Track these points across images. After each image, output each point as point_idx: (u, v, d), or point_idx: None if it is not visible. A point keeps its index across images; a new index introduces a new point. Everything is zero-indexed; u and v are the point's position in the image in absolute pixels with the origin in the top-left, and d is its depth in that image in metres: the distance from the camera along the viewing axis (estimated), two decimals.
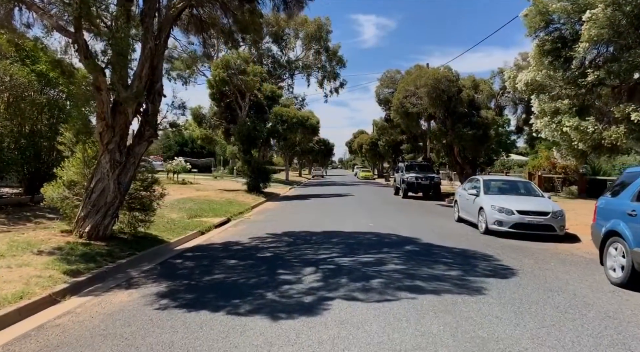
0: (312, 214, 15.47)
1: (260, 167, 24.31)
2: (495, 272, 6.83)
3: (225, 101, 26.17)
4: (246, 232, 11.39)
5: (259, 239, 10.12)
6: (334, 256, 7.94)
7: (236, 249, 8.93)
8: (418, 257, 7.76)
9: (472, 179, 13.55)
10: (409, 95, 20.94)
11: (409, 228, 11.84)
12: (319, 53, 43.10)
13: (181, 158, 28.42)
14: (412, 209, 17.78)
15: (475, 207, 11.81)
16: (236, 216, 15.12)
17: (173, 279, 6.43)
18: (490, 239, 10.29)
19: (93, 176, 8.61)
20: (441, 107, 19.89)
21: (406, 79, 22.43)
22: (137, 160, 9.10)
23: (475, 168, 24.00)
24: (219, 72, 23.47)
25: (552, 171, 27.07)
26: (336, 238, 10.01)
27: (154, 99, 9.32)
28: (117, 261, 7.31)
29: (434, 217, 15.13)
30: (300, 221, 13.57)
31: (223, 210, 15.51)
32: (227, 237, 10.65)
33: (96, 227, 8.40)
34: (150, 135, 9.26)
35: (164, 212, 13.49)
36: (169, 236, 9.96)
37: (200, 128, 25.10)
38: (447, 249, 8.79)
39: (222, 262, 7.66)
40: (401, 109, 20.60)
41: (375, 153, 57.16)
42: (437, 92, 19.60)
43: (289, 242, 9.63)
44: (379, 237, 10.09)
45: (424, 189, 23.73)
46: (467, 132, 19.15)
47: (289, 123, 24.28)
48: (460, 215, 13.37)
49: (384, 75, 25.53)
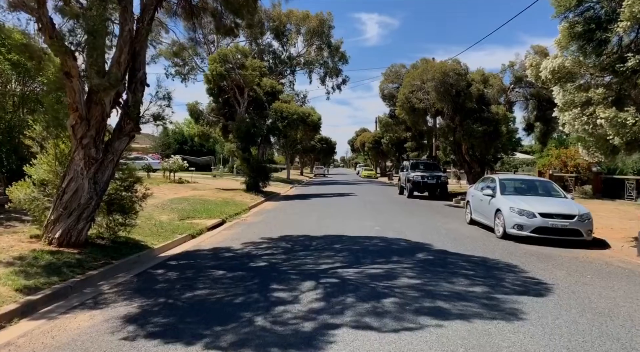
0: (313, 216, 14.49)
1: (259, 166, 23.33)
2: (527, 287, 5.83)
3: (224, 97, 25.19)
4: (240, 236, 10.41)
5: (253, 245, 9.13)
6: (337, 266, 6.95)
7: (227, 257, 7.95)
8: (434, 268, 6.76)
9: (486, 178, 12.53)
10: (415, 90, 19.91)
11: (418, 232, 10.84)
12: (320, 49, 42.05)
13: (178, 156, 27.42)
14: (419, 210, 16.77)
15: (490, 209, 10.80)
16: (232, 217, 14.15)
17: (148, 296, 5.45)
18: (509, 245, 9.28)
19: (65, 174, 7.64)
20: (449, 102, 18.86)
21: (412, 73, 21.40)
22: (116, 157, 8.12)
23: (484, 166, 22.96)
24: (216, 66, 22.48)
25: (564, 170, 26.01)
26: (339, 244, 9.02)
27: (136, 89, 8.34)
28: (87, 273, 6.33)
29: (443, 218, 14.12)
30: (300, 223, 12.58)
31: (218, 211, 14.54)
32: (219, 241, 9.68)
33: (68, 233, 7.43)
34: (132, 129, 8.28)
35: (153, 214, 12.55)
36: (154, 241, 8.99)
37: (198, 124, 24.12)
38: (465, 257, 7.79)
39: (208, 273, 6.67)
40: (407, 104, 19.58)
41: (378, 151, 56.08)
42: (445, 86, 18.58)
43: (286, 248, 8.64)
44: (386, 243, 9.09)
45: (431, 189, 22.72)
46: (477, 128, 18.13)
47: (289, 119, 23.28)
48: (473, 217, 12.36)
49: (389, 70, 24.50)
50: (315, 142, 65.54)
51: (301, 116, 23.73)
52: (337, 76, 44.44)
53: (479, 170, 22.43)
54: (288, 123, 23.55)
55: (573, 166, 25.61)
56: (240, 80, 23.46)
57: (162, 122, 8.57)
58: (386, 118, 24.82)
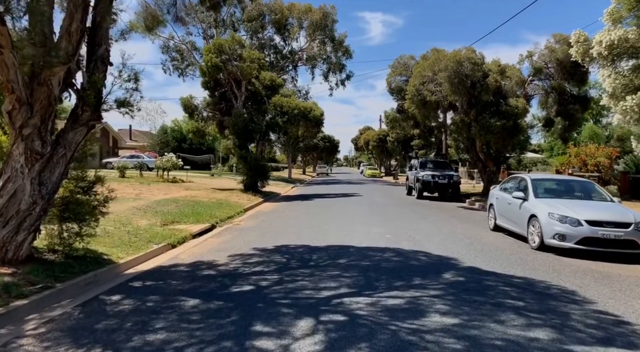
0: (314, 220, 12.91)
1: (257, 164, 21.78)
2: (607, 330, 4.24)
3: (220, 91, 23.63)
4: (228, 245, 8.85)
5: (241, 258, 7.57)
6: (343, 292, 5.37)
7: (206, 276, 6.38)
8: (470, 297, 5.17)
9: (514, 178, 10.89)
10: (426, 81, 18.29)
11: (436, 241, 9.25)
12: (324, 43, 40.42)
13: (172, 154, 25.94)
14: (432, 213, 15.17)
15: (522, 215, 9.19)
16: (223, 222, 12.60)
17: (80, 344, 3.89)
18: (550, 260, 7.67)
19: (2, 173, 6.10)
20: (464, 95, 17.23)
21: (422, 64, 19.77)
22: (70, 151, 6.56)
23: (499, 165, 21.33)
24: (211, 57, 20.92)
25: (583, 169, 24.31)
26: (344, 258, 7.43)
27: (95, 68, 6.78)
28: (11, 303, 4.78)
29: (461, 223, 12.52)
30: (299, 229, 11.01)
31: (208, 214, 12.99)
32: (202, 253, 8.12)
33: (3, 247, 5.89)
34: (90, 118, 6.72)
35: (132, 218, 11.01)
36: (122, 254, 7.44)
37: (192, 120, 22.58)
38: (504, 278, 6.19)
39: (176, 302, 5.11)
40: (417, 97, 17.96)
41: (383, 150, 54.45)
42: (459, 76, 16.94)
43: (280, 264, 7.07)
44: (402, 257, 7.49)
45: (442, 189, 21.09)
46: (495, 123, 16.48)
47: (289, 115, 21.72)
48: (498, 222, 10.75)
49: (396, 62, 22.87)
50: (318, 141, 64.05)
51: (302, 111, 22.17)
52: (341, 72, 42.82)
53: (495, 169, 20.80)
54: (288, 119, 21.99)
55: (593, 165, 23.91)
56: (237, 73, 21.90)
57: (130, 109, 6.99)
58: (393, 113, 23.18)
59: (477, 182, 29.21)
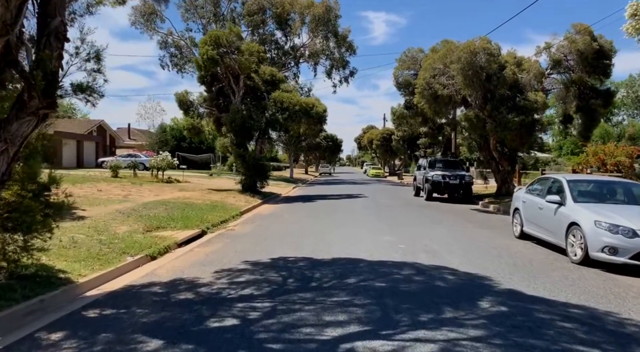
0: (317, 225, 11.63)
1: (256, 163, 20.50)
2: None
3: (217, 86, 22.38)
4: (216, 257, 7.59)
5: (228, 276, 6.30)
6: (353, 331, 4.08)
7: (180, 303, 5.11)
8: (525, 340, 3.86)
9: (545, 180, 9.56)
10: (437, 74, 16.97)
11: (459, 252, 7.96)
12: (326, 38, 39.13)
13: (167, 153, 24.71)
14: (445, 217, 13.86)
15: (559, 222, 7.88)
16: (216, 227, 11.35)
17: None
18: (603, 279, 6.36)
19: None
20: (478, 88, 15.90)
21: (432, 56, 18.46)
22: (14, 146, 5.29)
23: (514, 164, 20.00)
24: (207, 50, 19.65)
25: (602, 169, 22.93)
26: (353, 276, 6.15)
27: (48, 45, 5.50)
28: None
29: (480, 229, 11.22)
30: (300, 236, 9.73)
31: (199, 218, 11.73)
32: (184, 267, 6.86)
33: None
34: (40, 105, 5.42)
35: (110, 224, 9.76)
36: (85, 270, 6.18)
37: (187, 117, 21.33)
38: (558, 308, 4.88)
39: (132, 344, 3.84)
40: (427, 91, 16.63)
41: (387, 149, 53.08)
42: (473, 68, 15.61)
43: (274, 284, 5.78)
44: (423, 276, 6.19)
45: (453, 190, 19.75)
46: (513, 118, 15.15)
47: (290, 111, 20.42)
48: (526, 229, 9.44)
49: (404, 55, 21.53)
50: (320, 140, 62.77)
51: (304, 107, 20.87)
52: (344, 68, 41.59)
53: (509, 169, 19.47)
54: (289, 115, 20.69)
55: (613, 164, 22.51)
56: (235, 67, 20.64)
57: (90, 95, 5.73)
58: (401, 109, 21.87)
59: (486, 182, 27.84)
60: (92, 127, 40.28)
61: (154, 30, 40.19)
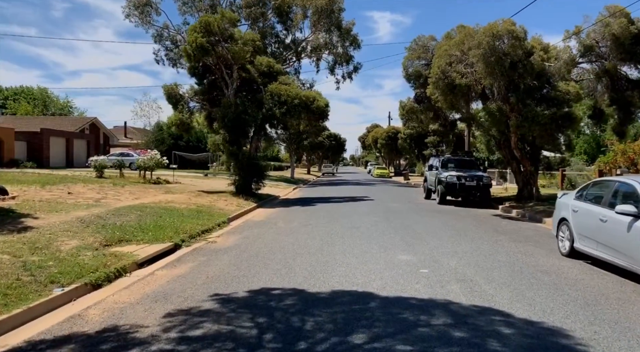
0: (315, 237, 9.68)
1: (251, 162, 18.59)
2: None
3: (210, 78, 20.49)
4: (178, 288, 5.67)
5: (181, 326, 4.36)
6: None
7: None
8: None
9: (608, 184, 7.52)
10: (453, 61, 14.98)
11: (501, 280, 5.99)
12: (329, 31, 37.16)
13: (156, 151, 22.82)
14: (467, 225, 11.89)
15: (636, 241, 5.88)
16: (194, 239, 9.44)
17: None
18: None
19: None
20: (501, 77, 13.90)
21: (447, 43, 16.45)
22: None
23: (537, 164, 17.98)
24: (196, 37, 17.75)
25: (632, 169, 20.86)
26: (362, 328, 4.17)
27: None
28: None
29: (515, 243, 9.23)
30: (292, 254, 7.79)
31: (175, 228, 9.82)
32: (128, 306, 4.95)
33: None
34: None
35: (57, 237, 7.80)
36: None
37: (176, 112, 19.43)
38: None
39: None
40: (443, 81, 14.63)
41: (392, 148, 51.04)
42: (495, 54, 13.60)
43: (245, 346, 3.83)
44: (466, 329, 4.18)
45: (469, 192, 17.75)
46: (543, 111, 13.15)
47: (289, 105, 18.47)
48: (579, 246, 7.45)
49: (414, 44, 19.47)
50: (323, 139, 60.92)
51: (304, 101, 18.92)
52: (348, 63, 39.58)
53: (532, 169, 17.44)
54: (288, 110, 18.74)
55: None
56: (228, 56, 18.73)
57: None
58: (410, 103, 19.86)
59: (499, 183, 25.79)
60: (85, 124, 38.50)
61: (149, 24, 38.36)
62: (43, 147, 29.89)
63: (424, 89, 19.02)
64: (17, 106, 55.03)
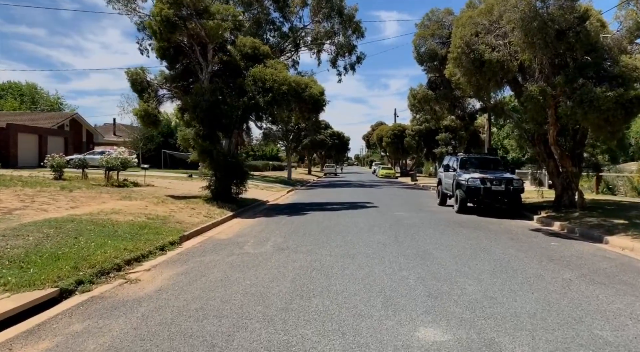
0: (285, 278, 6.40)
1: (229, 162, 15.35)
2: None
3: (183, 62, 17.27)
4: None
5: None
6: None
7: None
8: None
9: None
10: (481, 32, 11.64)
11: None
12: (330, 17, 33.88)
13: (123, 148, 19.63)
14: (507, 250, 8.57)
15: None
16: (106, 275, 6.20)
17: None
18: None
19: None
20: (546, 49, 10.56)
21: (468, 13, 13.10)
22: None
23: (580, 164, 14.59)
24: (161, 8, 14.53)
25: None
26: None
27: None
28: None
29: (593, 286, 5.93)
30: (234, 320, 4.49)
31: (81, 257, 6.58)
32: None
33: None
34: None
35: None
36: None
37: (141, 101, 16.20)
38: None
39: None
40: (467, 55, 11.29)
41: (398, 147, 47.63)
42: (539, 19, 10.28)
43: None
44: None
45: (496, 199, 14.37)
46: (604, 93, 9.82)
47: (275, 92, 15.22)
48: None
49: (426, 19, 16.02)
50: (325, 137, 57.69)
51: (294, 88, 15.64)
52: (351, 54, 36.30)
53: (575, 171, 14.05)
54: (274, 98, 15.47)
55: None
56: (202, 34, 15.51)
57: None
58: (423, 90, 16.55)
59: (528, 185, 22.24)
60: (63, 120, 35.38)
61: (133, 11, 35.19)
62: (9, 144, 26.82)
63: (439, 73, 15.68)
64: (3, 102, 52.28)
